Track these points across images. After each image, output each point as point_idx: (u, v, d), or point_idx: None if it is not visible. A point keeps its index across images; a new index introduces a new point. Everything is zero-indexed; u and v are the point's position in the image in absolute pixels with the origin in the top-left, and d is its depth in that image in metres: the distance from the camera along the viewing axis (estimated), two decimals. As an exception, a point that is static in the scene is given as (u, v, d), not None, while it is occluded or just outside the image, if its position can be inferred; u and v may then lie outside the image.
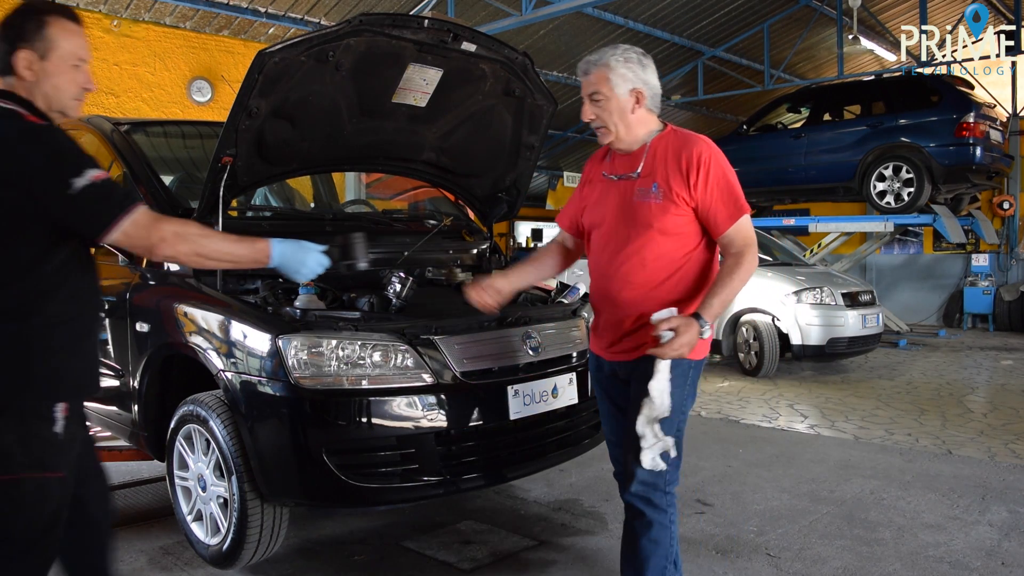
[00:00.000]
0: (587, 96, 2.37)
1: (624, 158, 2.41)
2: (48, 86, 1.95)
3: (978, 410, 6.29)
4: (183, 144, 4.36)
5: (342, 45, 3.01)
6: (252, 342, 2.79)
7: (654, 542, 2.33)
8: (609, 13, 11.04)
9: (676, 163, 2.30)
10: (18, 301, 1.87)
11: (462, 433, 2.85)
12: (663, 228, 2.30)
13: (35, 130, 1.86)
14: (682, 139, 2.36)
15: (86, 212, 1.86)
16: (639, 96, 2.34)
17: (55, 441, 1.93)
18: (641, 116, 2.37)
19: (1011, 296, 12.17)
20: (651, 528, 2.33)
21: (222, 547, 2.96)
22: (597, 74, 2.34)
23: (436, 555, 3.25)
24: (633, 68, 2.33)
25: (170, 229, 1.96)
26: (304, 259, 2.19)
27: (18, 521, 1.91)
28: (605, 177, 2.45)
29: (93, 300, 2.09)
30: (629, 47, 2.37)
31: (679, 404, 2.31)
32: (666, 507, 2.34)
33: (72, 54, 1.97)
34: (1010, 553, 3.26)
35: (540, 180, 17.95)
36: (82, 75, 2.01)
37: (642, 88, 2.34)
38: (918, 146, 9.29)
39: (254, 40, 9.81)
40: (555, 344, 3.20)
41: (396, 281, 3.16)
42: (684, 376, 2.33)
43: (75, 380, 1.99)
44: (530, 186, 4.10)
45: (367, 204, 4.85)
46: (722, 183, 2.29)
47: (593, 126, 2.41)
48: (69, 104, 2.01)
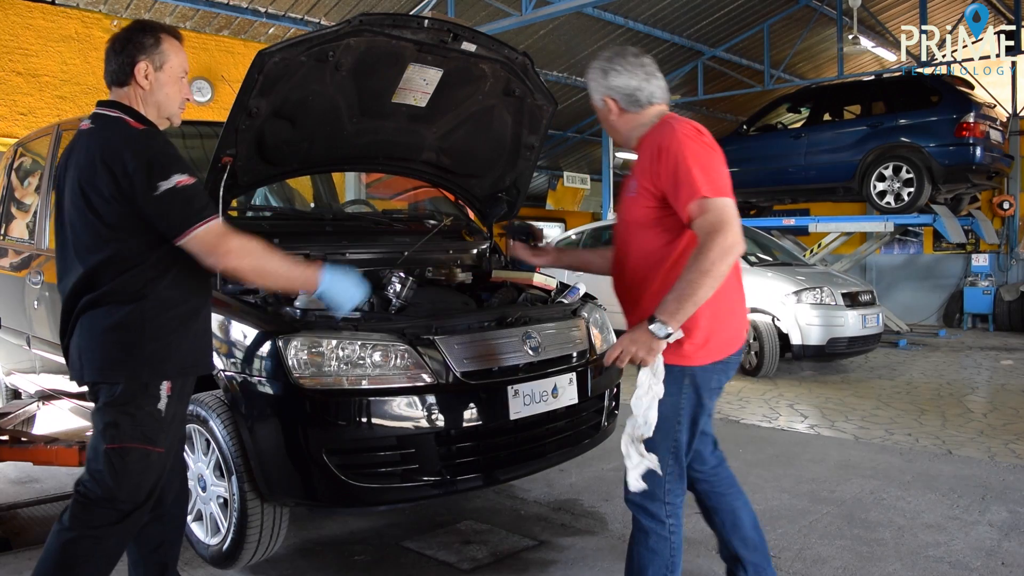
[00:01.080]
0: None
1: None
2: (161, 95, 2.23)
3: (978, 410, 6.29)
4: (183, 144, 4.36)
5: (342, 45, 3.01)
6: (252, 342, 2.79)
7: (652, 551, 2.28)
8: (609, 13, 11.05)
9: (647, 154, 2.24)
10: (132, 285, 2.11)
11: (462, 433, 2.85)
12: (639, 221, 2.28)
13: (136, 135, 2.11)
14: (655, 130, 2.28)
15: (166, 214, 2.06)
16: (611, 103, 2.35)
17: (158, 417, 2.17)
18: (627, 118, 2.36)
19: (1011, 296, 12.18)
20: (648, 537, 2.29)
21: (222, 547, 2.96)
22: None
23: (436, 555, 3.25)
24: (606, 76, 2.33)
25: (237, 243, 2.13)
26: (351, 293, 2.30)
27: (123, 487, 2.13)
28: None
29: (200, 286, 2.30)
30: (600, 57, 2.37)
31: (672, 413, 2.22)
32: (664, 518, 2.28)
33: (180, 67, 2.25)
34: (1010, 553, 3.26)
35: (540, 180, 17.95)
36: (185, 87, 2.29)
37: (613, 96, 2.34)
38: (918, 146, 9.29)
39: (254, 40, 9.81)
40: (555, 344, 3.20)
41: (396, 281, 3.16)
42: (676, 383, 2.20)
43: (180, 361, 2.20)
44: (530, 186, 4.10)
45: (367, 204, 4.85)
46: (673, 165, 2.14)
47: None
48: (175, 112, 2.29)
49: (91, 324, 2.14)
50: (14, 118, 8.25)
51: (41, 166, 4.50)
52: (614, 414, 3.56)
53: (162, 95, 2.22)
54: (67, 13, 8.57)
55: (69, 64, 8.59)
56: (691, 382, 2.24)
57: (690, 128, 2.21)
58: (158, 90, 2.21)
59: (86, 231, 2.12)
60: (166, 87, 2.22)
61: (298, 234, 3.58)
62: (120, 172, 2.04)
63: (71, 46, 8.61)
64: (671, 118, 2.29)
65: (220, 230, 2.12)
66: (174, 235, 2.08)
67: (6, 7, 8.19)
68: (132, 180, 2.04)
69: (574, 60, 12.72)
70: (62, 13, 8.54)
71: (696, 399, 2.26)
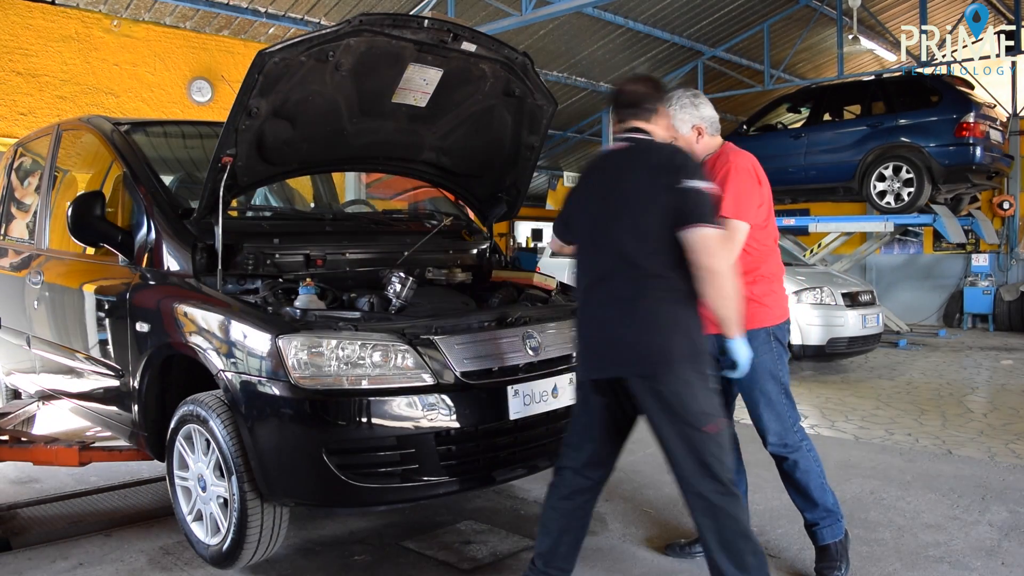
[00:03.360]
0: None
1: None
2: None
3: (978, 410, 6.29)
4: (183, 144, 4.36)
5: (342, 45, 3.01)
6: (252, 342, 2.79)
7: (806, 472, 2.93)
8: (609, 13, 11.04)
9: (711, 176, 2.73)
10: (688, 281, 2.37)
11: (462, 433, 2.85)
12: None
13: (679, 148, 2.56)
14: (718, 155, 2.89)
15: (682, 206, 2.33)
16: (697, 130, 2.91)
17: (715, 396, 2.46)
18: (705, 143, 2.93)
19: (1011, 296, 12.17)
20: (798, 464, 2.93)
21: (222, 547, 2.96)
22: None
23: (436, 555, 3.25)
24: (687, 108, 2.89)
25: (730, 257, 2.49)
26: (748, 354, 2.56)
27: (726, 462, 2.40)
28: None
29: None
30: (684, 92, 2.93)
31: (772, 364, 2.91)
32: (799, 442, 2.94)
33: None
34: (1010, 553, 3.26)
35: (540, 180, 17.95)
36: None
37: (699, 123, 2.91)
38: (918, 146, 9.29)
39: (254, 40, 9.81)
40: (555, 344, 3.20)
41: (396, 281, 3.17)
42: (766, 342, 2.89)
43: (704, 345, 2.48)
44: (530, 186, 4.10)
45: (367, 204, 4.85)
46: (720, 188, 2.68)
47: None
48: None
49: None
50: (14, 118, 8.24)
51: (41, 166, 4.50)
52: (614, 414, 3.55)
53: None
54: (67, 13, 8.57)
55: (69, 64, 8.58)
56: (775, 337, 2.92)
57: (745, 160, 2.85)
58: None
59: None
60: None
61: (298, 234, 3.58)
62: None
63: (71, 46, 8.61)
64: (731, 147, 2.93)
65: (722, 238, 2.42)
66: (682, 224, 2.36)
67: (6, 7, 8.19)
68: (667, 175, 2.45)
69: (574, 60, 12.72)
70: (62, 13, 8.54)
71: (781, 348, 2.94)
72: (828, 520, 2.97)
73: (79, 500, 3.93)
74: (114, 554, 3.28)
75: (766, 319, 2.89)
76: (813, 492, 2.95)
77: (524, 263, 9.40)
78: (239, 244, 3.23)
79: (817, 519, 2.97)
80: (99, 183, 3.83)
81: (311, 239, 3.54)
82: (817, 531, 2.98)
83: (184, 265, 3.22)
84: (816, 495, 2.95)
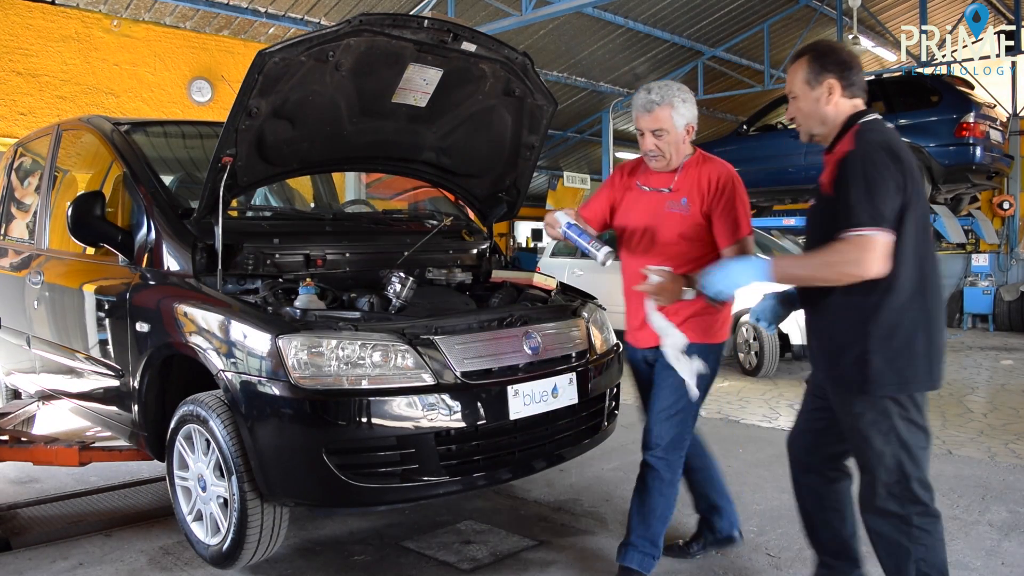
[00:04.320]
0: (649, 131, 2.79)
1: (656, 175, 2.89)
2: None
3: (978, 410, 6.29)
4: (183, 144, 4.36)
5: (342, 45, 3.01)
6: (252, 342, 2.79)
7: (665, 497, 2.87)
8: (609, 13, 11.05)
9: (702, 182, 2.81)
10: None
11: (462, 433, 2.85)
12: (685, 234, 2.80)
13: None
14: (708, 162, 2.87)
15: (844, 203, 2.14)
16: (691, 129, 2.83)
17: None
18: (687, 145, 2.86)
19: (1011, 296, 12.17)
20: (664, 485, 2.87)
21: (222, 547, 2.96)
22: (661, 111, 2.76)
23: (436, 555, 3.25)
24: (689, 106, 2.80)
25: (879, 269, 2.12)
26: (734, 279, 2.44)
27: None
28: (639, 187, 2.93)
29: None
30: (681, 86, 2.83)
31: (710, 383, 2.91)
32: (679, 468, 2.90)
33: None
34: (1010, 553, 3.26)
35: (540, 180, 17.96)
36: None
37: (692, 122, 2.82)
38: (918, 146, 9.29)
39: (254, 40, 9.82)
40: (555, 344, 3.20)
41: (396, 281, 3.17)
42: (718, 359, 2.94)
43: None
44: (530, 186, 4.10)
45: (367, 204, 4.85)
46: (731, 206, 2.77)
47: (649, 155, 2.85)
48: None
49: None
50: (14, 118, 8.25)
51: (41, 166, 4.50)
52: (614, 414, 3.55)
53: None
54: (67, 13, 8.57)
55: (69, 64, 8.59)
56: (720, 356, 2.96)
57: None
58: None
59: None
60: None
61: (298, 234, 3.58)
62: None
63: (71, 46, 8.61)
64: (712, 156, 2.93)
65: (867, 244, 2.14)
66: (843, 226, 2.18)
67: (6, 7, 8.19)
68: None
69: (574, 60, 12.73)
70: (62, 13, 8.54)
71: (718, 368, 2.96)
72: (650, 550, 2.88)
73: (79, 500, 3.93)
74: (114, 554, 3.28)
75: (725, 332, 2.98)
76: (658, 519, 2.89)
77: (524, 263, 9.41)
78: (239, 244, 3.23)
79: (638, 543, 2.89)
80: (99, 183, 3.83)
81: (311, 239, 3.54)
82: (629, 552, 2.89)
83: (184, 265, 3.22)
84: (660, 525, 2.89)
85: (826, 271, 2.18)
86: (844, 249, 2.12)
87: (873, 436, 2.24)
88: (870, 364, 2.20)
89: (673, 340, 2.67)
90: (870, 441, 2.25)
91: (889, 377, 2.20)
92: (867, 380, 2.21)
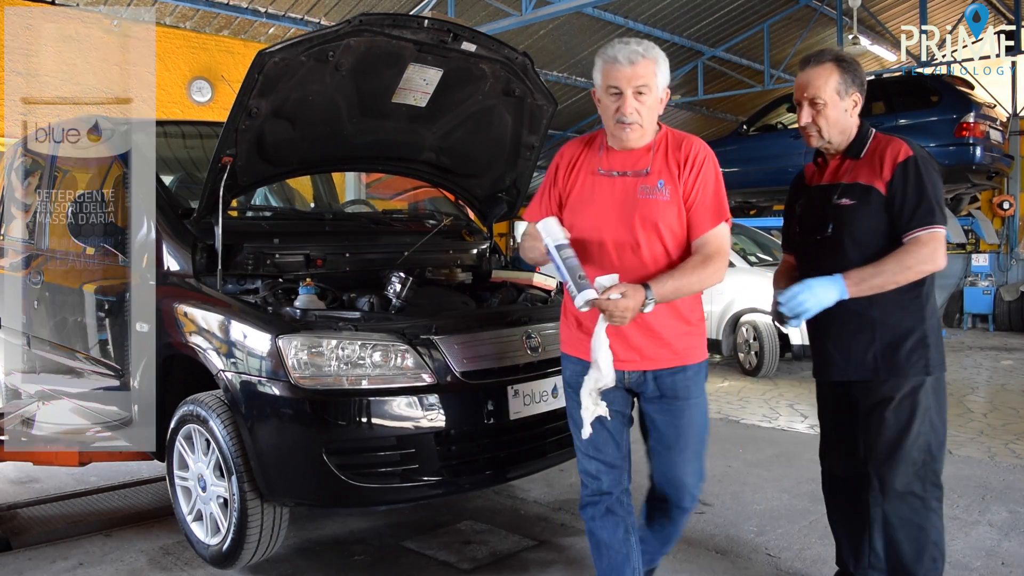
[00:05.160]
0: (632, 88, 2.22)
1: (624, 155, 2.32)
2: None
3: (978, 410, 6.29)
4: (183, 144, 4.36)
5: (342, 45, 3.01)
6: (252, 342, 2.79)
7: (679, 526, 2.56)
8: (609, 13, 11.04)
9: (675, 160, 2.30)
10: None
11: (462, 433, 2.85)
12: (669, 226, 2.28)
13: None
14: (679, 138, 2.36)
15: (914, 203, 2.33)
16: (666, 95, 2.32)
17: None
18: (658, 114, 2.34)
19: (1011, 296, 12.17)
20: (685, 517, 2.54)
21: (222, 547, 2.96)
22: (645, 65, 2.22)
23: (436, 555, 3.25)
24: (666, 69, 2.30)
25: (945, 261, 2.37)
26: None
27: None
28: (600, 173, 2.34)
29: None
30: (652, 46, 2.29)
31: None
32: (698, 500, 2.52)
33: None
34: (1010, 553, 3.26)
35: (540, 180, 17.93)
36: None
37: (668, 89, 2.33)
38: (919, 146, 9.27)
39: (254, 40, 9.81)
40: (555, 344, 3.18)
41: (396, 281, 3.17)
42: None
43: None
44: (530, 186, 4.10)
45: (367, 204, 4.85)
46: (711, 185, 2.30)
47: (627, 121, 2.25)
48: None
49: None
50: (14, 118, 8.25)
51: (41, 166, 4.50)
52: (614, 414, 3.55)
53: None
54: (67, 13, 8.57)
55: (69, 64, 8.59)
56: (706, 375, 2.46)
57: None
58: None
59: None
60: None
61: (298, 234, 3.58)
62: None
63: (71, 46, 8.61)
64: (680, 132, 2.41)
65: (937, 242, 2.36)
66: (904, 229, 2.38)
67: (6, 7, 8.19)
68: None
69: (574, 60, 12.72)
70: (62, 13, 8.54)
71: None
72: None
73: (79, 500, 3.93)
74: (114, 554, 3.28)
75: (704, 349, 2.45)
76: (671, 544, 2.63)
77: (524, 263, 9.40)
78: (239, 244, 3.23)
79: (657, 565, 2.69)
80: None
81: (311, 239, 3.54)
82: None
83: (184, 265, 3.22)
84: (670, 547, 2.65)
85: (906, 274, 2.33)
86: (918, 249, 2.31)
87: (916, 417, 2.43)
88: (930, 347, 2.45)
89: (603, 378, 2.21)
90: (912, 423, 2.43)
91: (937, 358, 2.49)
92: (928, 362, 2.45)
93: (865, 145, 2.46)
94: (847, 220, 2.42)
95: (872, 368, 2.44)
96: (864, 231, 2.38)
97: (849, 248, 2.40)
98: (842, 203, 2.42)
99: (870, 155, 2.43)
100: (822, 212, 2.47)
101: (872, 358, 2.43)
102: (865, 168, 2.42)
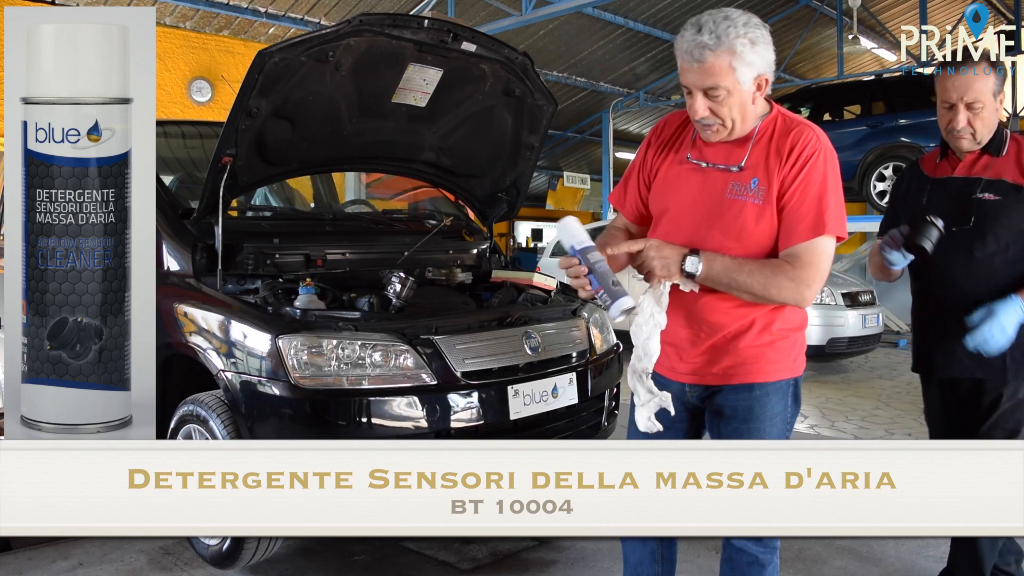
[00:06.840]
0: (699, 89, 1.83)
1: (719, 145, 1.93)
2: None
3: (978, 410, 6.28)
4: (183, 144, 4.36)
5: (342, 45, 3.01)
6: (252, 342, 2.79)
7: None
8: (609, 13, 11.06)
9: (777, 151, 1.87)
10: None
11: (462, 433, 2.85)
12: (758, 236, 1.87)
13: None
14: (789, 124, 1.91)
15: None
16: (764, 83, 1.86)
17: None
18: (760, 104, 1.89)
19: (1011, 296, 12.15)
20: (765, 571, 2.16)
21: (222, 547, 2.95)
22: (714, 63, 1.79)
23: (436, 555, 3.25)
24: (759, 51, 1.82)
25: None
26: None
27: None
28: (689, 161, 1.96)
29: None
30: (749, 18, 1.82)
31: (785, 427, 2.01)
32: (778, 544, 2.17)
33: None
34: (1010, 553, 3.26)
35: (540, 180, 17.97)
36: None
37: (767, 73, 1.85)
38: (918, 146, 9.28)
39: (254, 40, 9.82)
40: (555, 344, 3.20)
41: (396, 281, 3.16)
42: (784, 396, 1.99)
43: None
44: (530, 186, 4.11)
45: (367, 204, 4.85)
46: (815, 187, 1.83)
47: (703, 123, 1.88)
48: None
49: None
50: (14, 118, 8.24)
51: (41, 166, 4.50)
52: (614, 414, 3.56)
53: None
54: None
55: (69, 64, 8.59)
56: (794, 391, 2.03)
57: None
58: None
59: None
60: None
61: (298, 234, 3.58)
62: None
63: (71, 46, 8.61)
64: (796, 116, 1.97)
65: None
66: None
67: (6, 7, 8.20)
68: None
69: (574, 60, 12.74)
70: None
71: (796, 407, 2.05)
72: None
73: (79, 500, 3.93)
74: (114, 554, 3.28)
75: (795, 368, 2.04)
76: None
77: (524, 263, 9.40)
78: (239, 244, 3.23)
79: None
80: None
81: (311, 239, 3.54)
82: None
83: (184, 265, 3.22)
84: None
85: None
86: None
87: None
88: None
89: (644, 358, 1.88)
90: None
91: None
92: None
93: (1005, 142, 2.48)
94: (991, 215, 2.43)
95: (1000, 368, 2.43)
96: (1006, 228, 2.41)
97: (990, 243, 2.42)
98: (985, 197, 2.43)
99: (1013, 154, 2.47)
100: (962, 205, 2.47)
101: (1002, 358, 2.41)
102: (1010, 166, 2.45)
